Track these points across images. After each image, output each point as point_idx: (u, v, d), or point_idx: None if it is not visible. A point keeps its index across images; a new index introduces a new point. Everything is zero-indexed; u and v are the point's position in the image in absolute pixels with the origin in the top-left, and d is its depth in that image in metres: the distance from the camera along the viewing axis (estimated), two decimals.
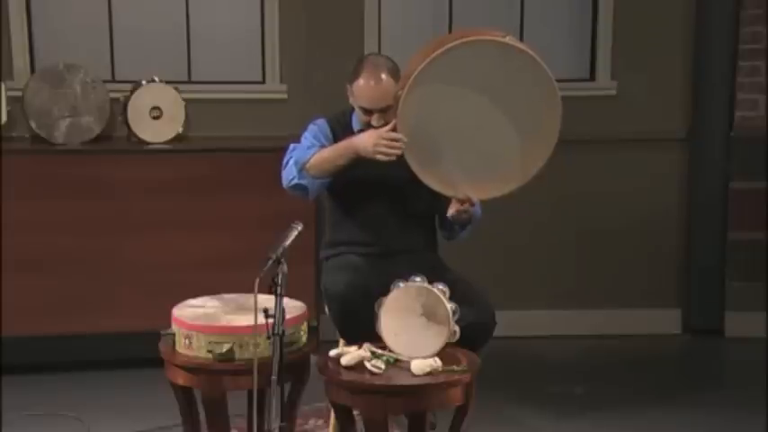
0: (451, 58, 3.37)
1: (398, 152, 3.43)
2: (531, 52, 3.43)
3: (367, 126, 3.63)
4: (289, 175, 3.64)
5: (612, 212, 5.51)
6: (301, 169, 3.60)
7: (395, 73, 3.59)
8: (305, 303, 3.47)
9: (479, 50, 3.40)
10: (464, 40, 3.40)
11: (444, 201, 3.61)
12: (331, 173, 3.60)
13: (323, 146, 3.66)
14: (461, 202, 3.52)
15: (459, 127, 3.47)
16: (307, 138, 3.71)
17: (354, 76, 3.62)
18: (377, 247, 3.69)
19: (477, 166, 3.49)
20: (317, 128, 3.74)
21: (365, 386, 3.13)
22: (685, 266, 5.59)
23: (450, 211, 3.57)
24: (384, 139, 3.45)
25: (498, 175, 3.51)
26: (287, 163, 3.66)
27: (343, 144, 3.58)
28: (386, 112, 3.54)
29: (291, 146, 3.71)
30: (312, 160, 3.59)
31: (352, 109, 3.72)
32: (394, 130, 3.45)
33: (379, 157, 3.45)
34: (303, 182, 3.61)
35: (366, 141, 3.50)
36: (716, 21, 5.35)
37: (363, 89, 3.59)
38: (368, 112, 3.60)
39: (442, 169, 3.49)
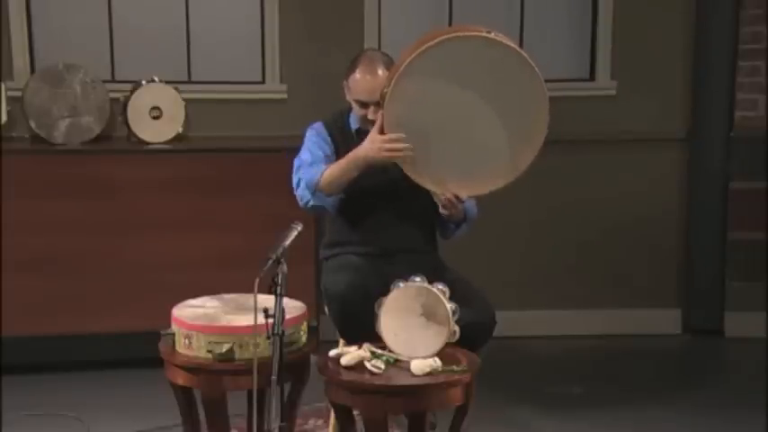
0: (438, 51, 3.36)
1: (403, 149, 3.43)
2: (517, 48, 3.43)
3: (364, 120, 3.64)
4: (304, 197, 3.64)
5: (612, 212, 5.51)
6: (314, 191, 3.60)
7: (390, 67, 3.58)
8: (305, 303, 3.46)
9: (465, 46, 3.39)
10: (449, 35, 3.40)
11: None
12: (344, 187, 3.60)
13: (326, 156, 3.67)
14: (448, 199, 3.51)
15: (447, 122, 3.46)
16: (308, 149, 3.70)
17: (351, 70, 3.64)
18: (376, 247, 3.69)
19: (467, 162, 3.48)
20: (314, 133, 3.74)
21: (365, 386, 3.13)
22: (685, 266, 5.59)
23: (440, 208, 3.58)
24: (384, 141, 3.45)
25: (488, 171, 3.50)
26: (297, 184, 3.66)
27: (350, 157, 3.57)
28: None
29: (296, 163, 3.70)
30: (323, 180, 3.59)
31: (349, 109, 3.72)
32: (381, 126, 3.46)
33: (386, 155, 3.45)
34: (319, 203, 3.62)
35: (370, 149, 3.50)
36: (716, 21, 5.35)
37: (359, 82, 3.60)
38: (364, 105, 3.61)
39: (431, 166, 3.48)
